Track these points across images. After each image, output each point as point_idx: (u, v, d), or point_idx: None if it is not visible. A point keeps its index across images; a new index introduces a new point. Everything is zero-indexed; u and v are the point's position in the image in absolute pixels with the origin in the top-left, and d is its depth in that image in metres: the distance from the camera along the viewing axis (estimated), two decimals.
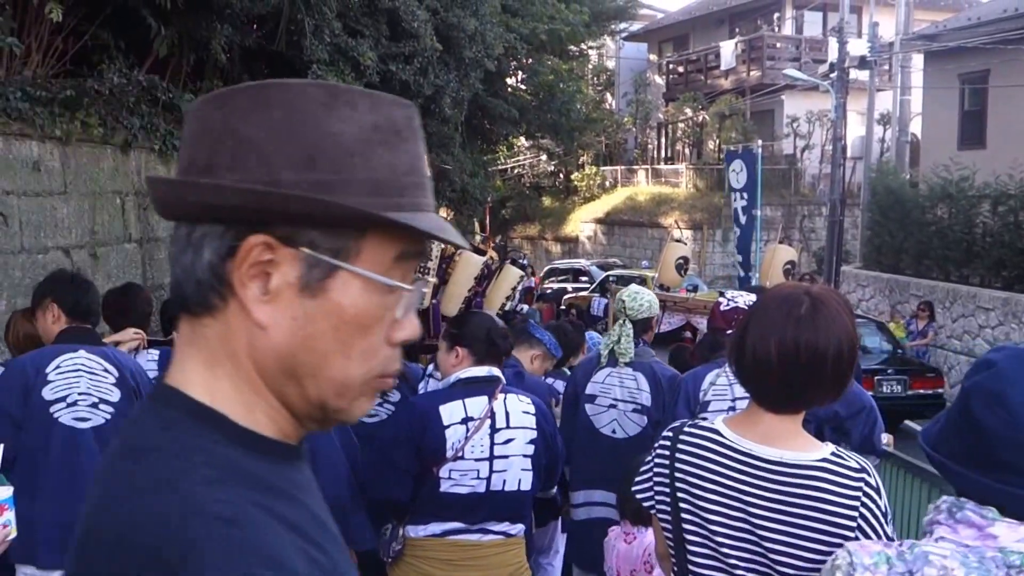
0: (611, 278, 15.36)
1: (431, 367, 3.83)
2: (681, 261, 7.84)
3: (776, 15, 23.52)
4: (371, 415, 3.71)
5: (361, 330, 0.73)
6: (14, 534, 2.03)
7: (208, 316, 0.73)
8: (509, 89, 15.59)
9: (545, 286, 17.91)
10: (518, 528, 2.77)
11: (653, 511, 1.76)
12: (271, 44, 7.16)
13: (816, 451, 1.56)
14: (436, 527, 2.67)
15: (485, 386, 2.71)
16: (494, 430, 2.66)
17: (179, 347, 0.76)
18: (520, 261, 5.28)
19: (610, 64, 28.66)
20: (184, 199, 0.72)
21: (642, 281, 14.41)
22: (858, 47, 16.23)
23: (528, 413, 2.73)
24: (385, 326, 0.74)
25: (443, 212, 11.74)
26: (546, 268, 20.19)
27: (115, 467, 0.69)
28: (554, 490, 3.12)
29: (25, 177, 4.55)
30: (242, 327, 0.71)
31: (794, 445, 1.57)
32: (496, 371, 2.77)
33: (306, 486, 0.76)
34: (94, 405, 2.87)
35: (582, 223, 25.79)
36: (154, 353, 3.83)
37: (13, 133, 4.47)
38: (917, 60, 16.53)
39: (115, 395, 2.91)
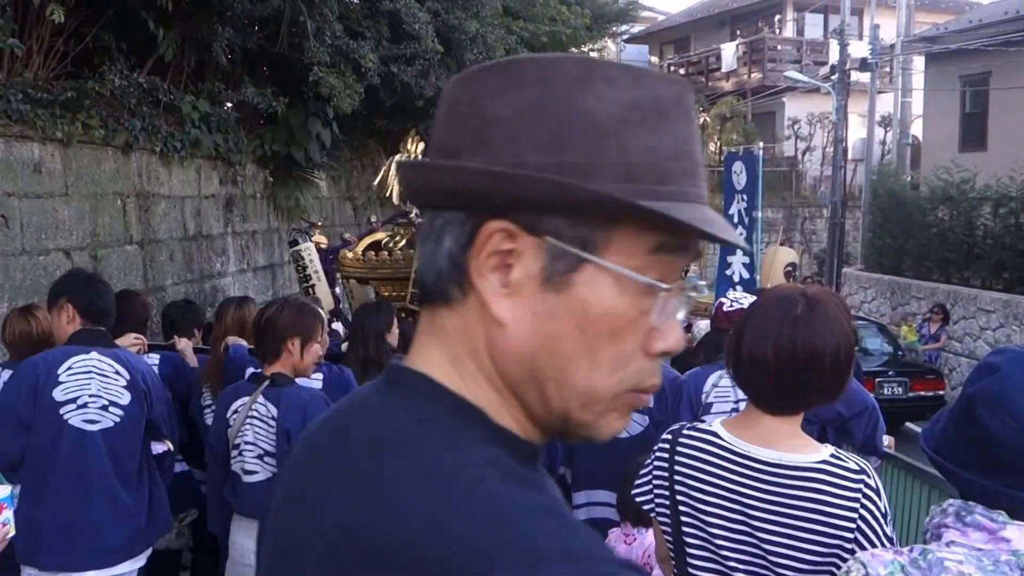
0: None
1: None
2: None
3: (777, 17, 23.53)
4: None
5: (611, 334, 0.65)
6: (12, 532, 2.02)
7: (447, 307, 0.68)
8: None
9: None
10: None
11: (653, 514, 1.76)
12: (272, 46, 7.17)
13: (815, 452, 1.55)
14: None
15: None
16: None
17: (419, 336, 0.72)
18: None
19: None
20: (426, 183, 0.68)
21: None
22: (859, 49, 16.24)
23: None
24: (640, 332, 0.66)
25: None
26: None
27: (371, 462, 0.62)
28: None
29: (26, 179, 4.55)
30: (480, 323, 0.66)
31: (793, 447, 1.57)
32: None
33: (557, 493, 0.72)
34: (104, 408, 2.86)
35: None
36: (155, 357, 3.83)
37: (14, 135, 4.47)
38: (918, 62, 16.54)
39: (125, 398, 2.90)
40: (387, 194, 5.15)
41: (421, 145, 5.23)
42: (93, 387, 2.84)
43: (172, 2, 5.36)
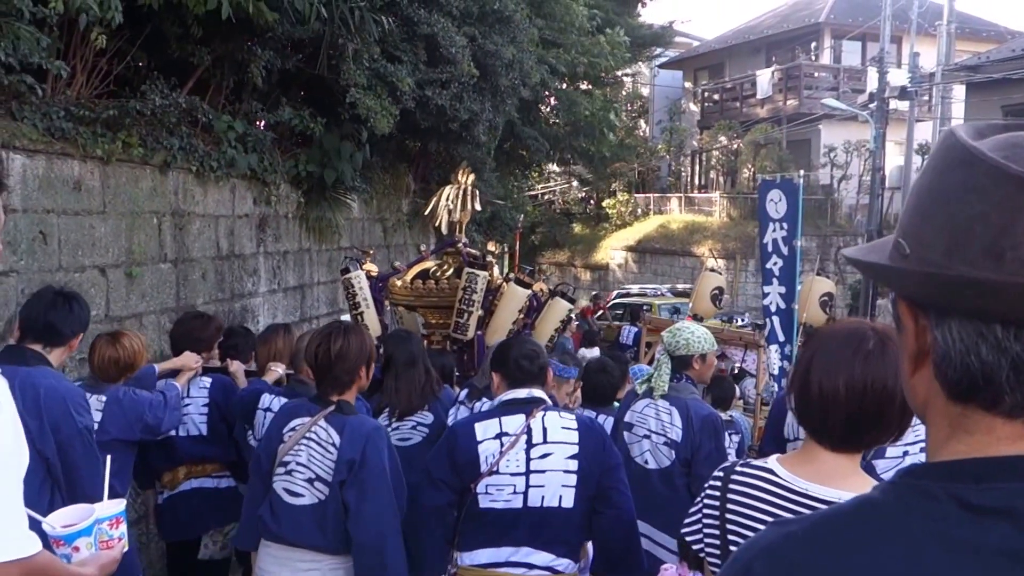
0: (644, 306, 15.25)
1: (463, 394, 3.80)
2: (716, 291, 7.72)
3: (814, 44, 23.42)
4: (405, 439, 3.69)
5: None
6: (127, 547, 1.98)
7: None
8: (542, 116, 15.63)
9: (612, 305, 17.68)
10: (566, 564, 2.69)
11: (702, 554, 1.72)
12: (310, 68, 7.23)
13: None
14: (481, 555, 2.68)
15: (524, 406, 2.76)
16: (530, 445, 2.68)
17: None
18: (569, 294, 5.27)
19: (644, 91, 28.71)
20: None
21: (648, 308, 14.33)
22: (898, 77, 16.07)
23: (569, 429, 2.72)
24: None
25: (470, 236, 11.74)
26: (615, 292, 19.98)
27: None
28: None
29: (65, 196, 4.59)
30: None
31: (852, 485, 1.51)
32: (537, 392, 2.80)
33: None
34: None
35: (612, 250, 25.69)
36: (206, 380, 3.87)
37: (56, 152, 4.52)
38: (958, 91, 16.33)
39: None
40: (437, 223, 5.16)
41: (471, 176, 5.21)
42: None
43: (209, 23, 5.42)
